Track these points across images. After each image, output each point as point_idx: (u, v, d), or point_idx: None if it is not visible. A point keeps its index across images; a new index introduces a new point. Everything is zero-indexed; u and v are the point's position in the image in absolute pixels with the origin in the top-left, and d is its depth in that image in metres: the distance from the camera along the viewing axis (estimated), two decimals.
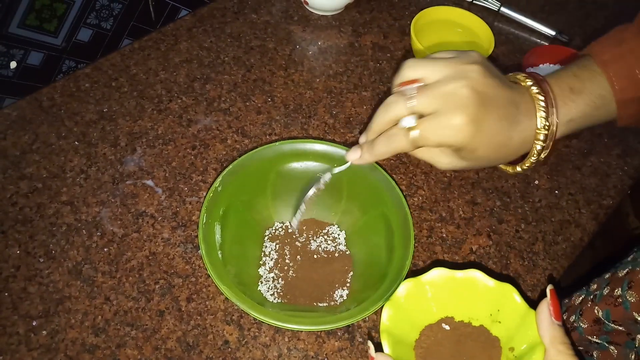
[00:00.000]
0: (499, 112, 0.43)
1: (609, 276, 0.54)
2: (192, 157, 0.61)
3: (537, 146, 0.46)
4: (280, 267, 0.53)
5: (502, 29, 0.81)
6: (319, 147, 0.54)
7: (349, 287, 0.52)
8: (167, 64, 0.70)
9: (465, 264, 0.56)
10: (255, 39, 0.74)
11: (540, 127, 0.45)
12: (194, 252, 0.54)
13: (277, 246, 0.54)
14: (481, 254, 0.57)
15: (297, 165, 0.55)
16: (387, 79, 0.71)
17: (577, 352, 0.37)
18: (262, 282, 0.52)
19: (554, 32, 0.79)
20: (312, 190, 0.50)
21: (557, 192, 0.62)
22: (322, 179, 0.50)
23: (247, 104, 0.67)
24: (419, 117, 0.43)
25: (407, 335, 0.42)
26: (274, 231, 0.55)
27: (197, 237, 0.55)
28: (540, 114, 0.45)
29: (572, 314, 0.57)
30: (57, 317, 0.49)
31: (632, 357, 0.50)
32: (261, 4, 0.79)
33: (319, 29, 0.77)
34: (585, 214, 0.61)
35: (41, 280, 0.51)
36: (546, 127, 0.45)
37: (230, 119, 0.65)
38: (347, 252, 0.54)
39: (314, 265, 0.53)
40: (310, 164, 0.55)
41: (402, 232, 0.49)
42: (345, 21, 0.78)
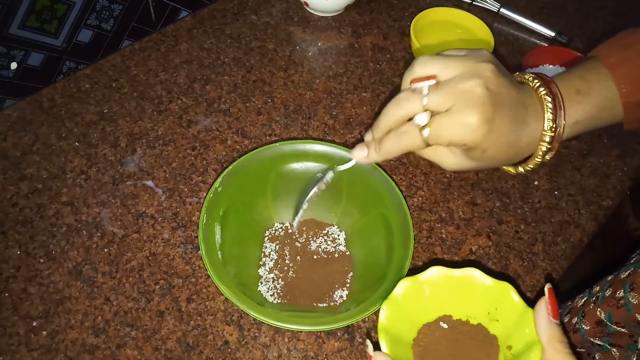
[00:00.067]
0: (510, 112, 0.43)
1: (611, 278, 0.54)
2: (192, 157, 0.62)
3: (542, 147, 0.46)
4: (280, 267, 0.53)
5: (501, 30, 0.81)
6: (319, 147, 0.54)
7: (349, 288, 0.52)
8: (167, 64, 0.70)
9: (462, 263, 0.56)
10: (255, 40, 0.74)
11: (546, 128, 0.45)
12: (194, 252, 0.54)
13: (277, 247, 0.54)
14: (481, 254, 0.57)
15: (297, 165, 0.55)
16: (387, 80, 0.71)
17: (574, 351, 0.37)
18: (262, 282, 0.52)
19: (553, 33, 0.79)
20: (314, 188, 0.49)
21: (556, 192, 0.63)
22: (325, 177, 0.49)
23: (247, 104, 0.67)
24: (431, 115, 0.43)
25: (405, 334, 0.42)
26: (274, 232, 0.55)
27: (197, 237, 0.55)
28: (547, 116, 0.45)
29: (575, 316, 0.57)
30: (57, 318, 0.49)
31: (634, 359, 0.50)
32: (261, 5, 0.79)
33: (318, 30, 0.77)
34: (584, 215, 0.61)
35: (41, 280, 0.51)
36: (552, 128, 0.45)
37: (230, 119, 0.65)
38: (347, 253, 0.54)
39: (314, 265, 0.53)
40: (310, 165, 0.55)
41: (401, 233, 0.49)
42: (345, 22, 0.78)
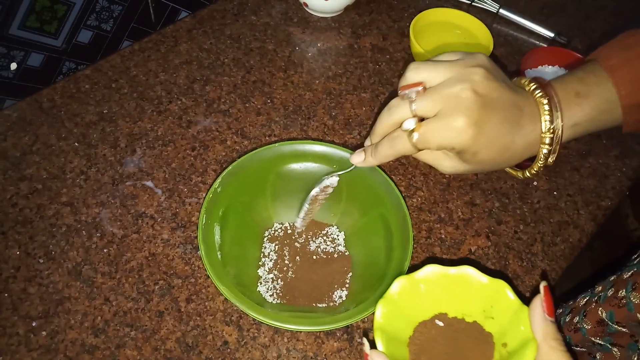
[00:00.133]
0: (501, 115, 0.43)
1: (614, 278, 0.54)
2: (192, 158, 0.62)
3: (544, 150, 0.46)
4: (279, 268, 0.53)
5: (501, 30, 0.81)
6: (319, 148, 0.54)
7: (348, 288, 0.52)
8: (167, 65, 0.70)
9: (458, 261, 0.56)
10: (254, 41, 0.75)
11: (545, 131, 0.45)
12: (194, 253, 0.54)
13: (277, 247, 0.54)
14: (480, 254, 0.57)
15: (296, 166, 0.55)
16: (386, 81, 0.71)
17: (569, 349, 0.37)
18: (261, 282, 0.52)
19: (552, 34, 0.79)
20: (315, 189, 0.51)
21: (555, 193, 0.63)
22: (329, 181, 0.51)
23: (247, 105, 0.67)
24: (421, 120, 0.43)
25: (401, 332, 0.42)
26: (273, 232, 0.55)
27: (196, 238, 0.55)
28: (544, 118, 0.45)
29: (576, 315, 0.57)
30: (56, 318, 0.49)
31: (635, 359, 0.50)
32: (261, 5, 0.79)
33: (318, 31, 0.77)
34: (583, 215, 0.61)
35: (41, 281, 0.51)
36: (551, 130, 0.45)
37: (229, 120, 0.65)
38: (346, 253, 0.54)
39: (313, 266, 0.53)
40: (309, 165, 0.55)
41: (401, 233, 0.49)
42: (344, 23, 0.78)
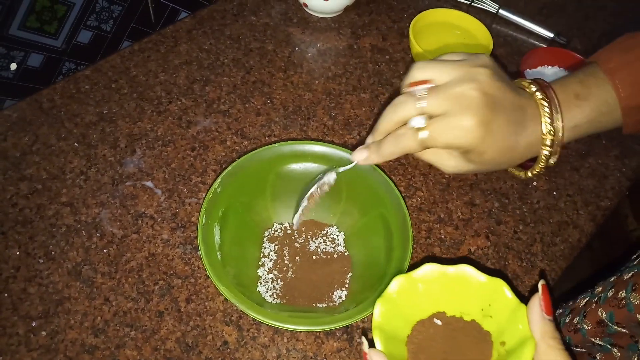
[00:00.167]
0: (507, 115, 0.44)
1: (614, 279, 0.54)
2: (192, 158, 0.62)
3: (544, 151, 0.46)
4: (279, 268, 0.53)
5: (500, 31, 0.81)
6: (318, 148, 0.54)
7: (348, 288, 0.52)
8: (166, 65, 0.70)
9: (456, 260, 0.56)
10: (254, 41, 0.75)
11: (545, 132, 0.46)
12: (193, 253, 0.54)
13: (276, 247, 0.54)
14: (479, 255, 0.57)
15: (296, 166, 0.55)
16: (386, 81, 0.72)
17: (567, 347, 0.37)
18: (261, 283, 0.52)
19: (552, 34, 0.80)
20: (314, 187, 0.50)
21: (555, 193, 0.63)
22: (327, 178, 0.50)
23: (247, 105, 0.67)
24: (428, 118, 0.43)
25: (400, 331, 0.42)
26: (273, 232, 0.55)
27: (196, 238, 0.55)
28: (545, 120, 0.45)
29: (576, 316, 0.57)
30: (56, 318, 0.49)
31: None
32: (260, 6, 0.79)
33: (318, 31, 0.77)
34: (583, 215, 0.61)
35: (41, 281, 0.51)
36: (551, 132, 0.45)
37: (229, 120, 0.65)
38: (346, 253, 0.54)
39: (313, 266, 0.53)
40: (309, 165, 0.55)
41: (400, 233, 0.49)
42: (344, 23, 0.78)
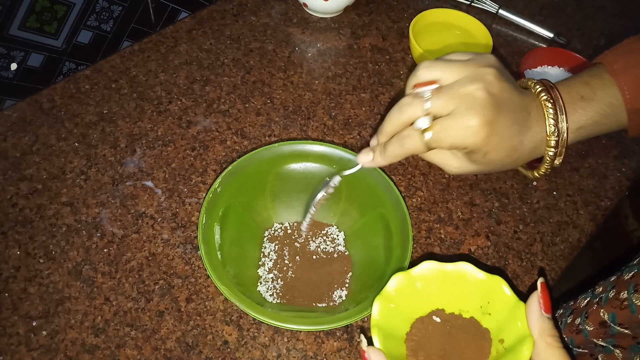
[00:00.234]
0: (512, 116, 0.44)
1: (614, 279, 0.54)
2: (192, 158, 0.62)
3: (549, 152, 0.46)
4: (279, 267, 0.53)
5: (500, 31, 0.81)
6: (318, 148, 0.55)
7: (348, 288, 0.52)
8: (166, 65, 0.70)
9: (455, 257, 0.56)
10: (254, 41, 0.75)
11: (549, 133, 0.45)
12: (194, 252, 0.55)
13: (276, 247, 0.54)
14: (479, 254, 0.57)
15: (296, 166, 0.55)
16: (386, 81, 0.72)
17: (565, 345, 0.37)
18: (261, 282, 0.52)
19: (552, 34, 0.80)
20: (321, 193, 0.50)
21: (555, 193, 0.63)
22: (332, 182, 0.50)
23: (247, 105, 0.67)
24: (433, 118, 0.43)
25: (398, 328, 0.42)
26: (273, 232, 0.55)
27: (196, 237, 0.55)
28: (549, 121, 0.45)
29: (578, 317, 0.57)
30: (57, 318, 0.49)
31: None
32: (260, 6, 0.79)
33: (318, 31, 0.77)
34: (583, 215, 0.61)
35: (41, 280, 0.51)
36: (556, 133, 0.45)
37: (229, 120, 0.66)
38: (346, 253, 0.54)
39: (313, 265, 0.53)
40: (309, 165, 0.55)
41: (400, 233, 0.49)
42: (344, 23, 0.79)
